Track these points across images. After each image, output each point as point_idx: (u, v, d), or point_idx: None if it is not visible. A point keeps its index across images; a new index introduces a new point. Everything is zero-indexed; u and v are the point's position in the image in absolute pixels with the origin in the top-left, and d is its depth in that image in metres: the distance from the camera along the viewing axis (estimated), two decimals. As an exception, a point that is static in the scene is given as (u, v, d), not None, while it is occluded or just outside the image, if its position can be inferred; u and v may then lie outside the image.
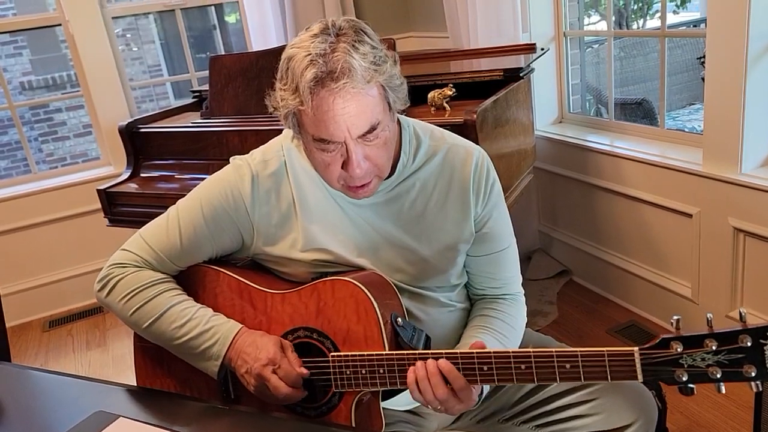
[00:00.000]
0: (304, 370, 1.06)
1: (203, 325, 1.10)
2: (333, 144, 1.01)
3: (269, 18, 3.23)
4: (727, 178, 2.01)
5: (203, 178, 1.20)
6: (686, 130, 3.48)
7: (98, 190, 2.39)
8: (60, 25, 3.12)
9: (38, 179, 3.27)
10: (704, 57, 2.04)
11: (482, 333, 1.15)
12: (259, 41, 3.25)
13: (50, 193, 3.15)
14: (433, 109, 2.02)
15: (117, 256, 1.17)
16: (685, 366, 0.86)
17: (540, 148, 2.70)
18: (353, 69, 0.95)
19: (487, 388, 1.10)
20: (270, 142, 1.20)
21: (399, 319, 1.06)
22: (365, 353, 1.03)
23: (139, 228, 1.20)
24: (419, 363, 1.00)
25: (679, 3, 6.12)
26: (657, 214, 2.33)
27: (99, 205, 2.44)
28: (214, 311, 1.14)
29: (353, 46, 0.97)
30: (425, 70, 2.30)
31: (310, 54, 0.96)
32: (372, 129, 1.00)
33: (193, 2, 3.58)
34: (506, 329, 1.18)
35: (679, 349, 0.86)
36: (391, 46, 2.00)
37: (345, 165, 1.02)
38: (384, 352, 1.03)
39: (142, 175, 2.47)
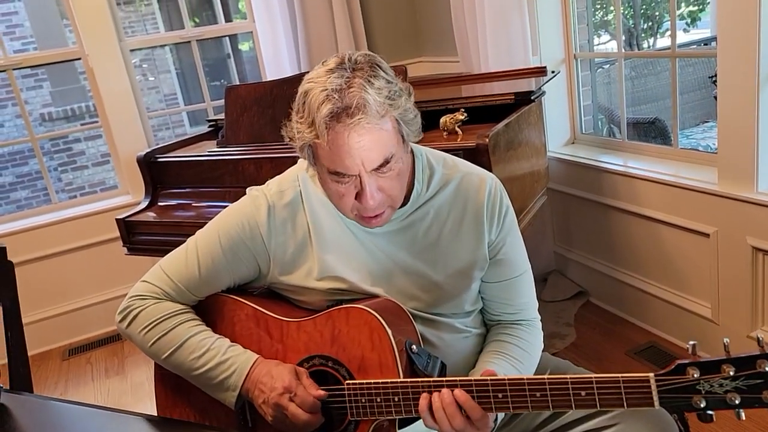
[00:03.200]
0: (321, 392, 1.06)
1: (220, 356, 1.11)
2: (348, 176, 1.03)
3: (282, 47, 3.29)
4: (743, 197, 1.99)
5: (220, 206, 1.23)
6: (701, 148, 3.46)
7: (117, 220, 2.43)
8: (80, 59, 3.21)
9: (58, 209, 3.33)
10: (716, 76, 2.05)
11: (497, 358, 1.15)
12: (272, 70, 3.31)
13: (70, 222, 3.20)
14: (445, 133, 2.03)
15: (138, 288, 1.19)
16: (703, 392, 0.85)
17: (553, 169, 2.71)
18: (368, 104, 0.97)
19: (501, 414, 1.10)
20: (286, 172, 1.22)
21: (413, 346, 1.07)
22: (380, 381, 1.04)
23: (157, 256, 1.23)
24: (435, 394, 0.99)
25: (689, 21, 6.13)
26: (673, 233, 2.32)
27: (117, 234, 2.48)
28: (232, 340, 1.15)
29: (368, 81, 0.99)
30: (437, 95, 2.32)
31: (326, 89, 0.98)
32: (386, 162, 1.02)
33: (209, 34, 3.67)
34: (521, 355, 1.17)
35: (695, 375, 0.85)
36: (404, 74, 2.03)
37: (359, 196, 1.04)
38: (399, 380, 1.03)
39: (159, 203, 2.51)
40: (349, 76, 0.99)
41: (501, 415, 1.10)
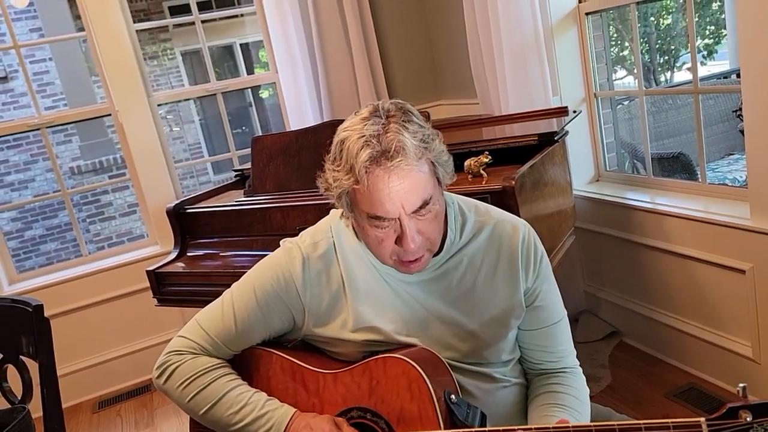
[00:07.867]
0: None
1: (258, 411, 1.10)
2: (387, 221, 1.03)
3: (305, 96, 3.35)
4: (777, 231, 1.96)
5: (247, 255, 1.23)
6: (728, 181, 3.42)
7: (148, 272, 2.46)
8: (110, 114, 3.30)
9: (89, 261, 3.37)
10: (740, 110, 2.04)
11: (558, 411, 1.12)
12: (295, 118, 3.37)
13: (100, 274, 3.24)
14: (470, 176, 2.04)
15: (174, 343, 1.19)
16: (758, 438, 0.82)
17: (579, 207, 2.69)
18: (406, 147, 0.99)
19: None
20: (318, 223, 1.23)
21: (453, 396, 1.05)
22: (421, 433, 1.02)
23: (186, 306, 1.23)
24: None
25: (705, 54, 6.15)
26: (708, 270, 2.27)
27: (146, 284, 2.50)
28: (268, 394, 1.15)
29: (403, 125, 1.01)
30: (460, 138, 2.34)
31: (364, 136, 1.00)
32: (425, 204, 1.03)
33: (234, 86, 3.76)
34: (577, 404, 1.15)
35: (748, 419, 0.82)
36: (427, 118, 2.05)
37: (399, 240, 1.05)
38: (440, 432, 1.01)
39: (188, 254, 2.53)
40: (385, 122, 1.02)
41: None
